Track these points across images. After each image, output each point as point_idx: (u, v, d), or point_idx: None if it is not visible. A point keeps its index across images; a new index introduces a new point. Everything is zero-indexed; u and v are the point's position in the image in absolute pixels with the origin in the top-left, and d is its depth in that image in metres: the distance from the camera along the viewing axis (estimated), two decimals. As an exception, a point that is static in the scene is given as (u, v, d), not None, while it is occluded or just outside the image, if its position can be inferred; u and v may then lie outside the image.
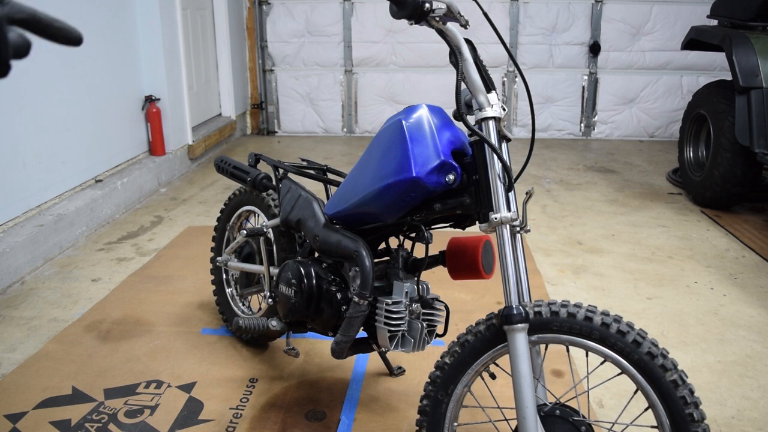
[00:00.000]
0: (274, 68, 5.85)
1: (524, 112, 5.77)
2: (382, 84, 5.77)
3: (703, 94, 3.99)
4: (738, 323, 2.48)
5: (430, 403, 1.44)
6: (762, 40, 3.53)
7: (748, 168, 3.58)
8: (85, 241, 3.28)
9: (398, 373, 2.08)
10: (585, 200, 4.04)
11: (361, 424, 1.83)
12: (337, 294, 1.65)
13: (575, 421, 1.33)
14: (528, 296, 1.38)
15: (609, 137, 5.80)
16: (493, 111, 1.36)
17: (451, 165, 1.40)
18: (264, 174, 2.09)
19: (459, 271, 1.57)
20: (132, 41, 4.02)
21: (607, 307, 2.59)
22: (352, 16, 5.63)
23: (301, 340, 2.28)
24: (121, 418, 1.85)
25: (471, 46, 1.40)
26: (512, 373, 1.29)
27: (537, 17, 5.54)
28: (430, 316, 1.63)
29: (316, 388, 2.01)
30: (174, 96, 4.35)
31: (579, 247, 3.27)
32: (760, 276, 2.93)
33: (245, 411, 1.89)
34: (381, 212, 1.52)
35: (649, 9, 5.47)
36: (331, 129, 5.94)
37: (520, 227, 1.38)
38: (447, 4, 1.34)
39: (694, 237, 3.42)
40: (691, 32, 4.12)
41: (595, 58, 5.61)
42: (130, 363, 2.14)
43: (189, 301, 2.59)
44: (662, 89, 5.64)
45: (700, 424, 1.23)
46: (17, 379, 2.04)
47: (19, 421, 1.82)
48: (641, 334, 1.28)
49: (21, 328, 2.39)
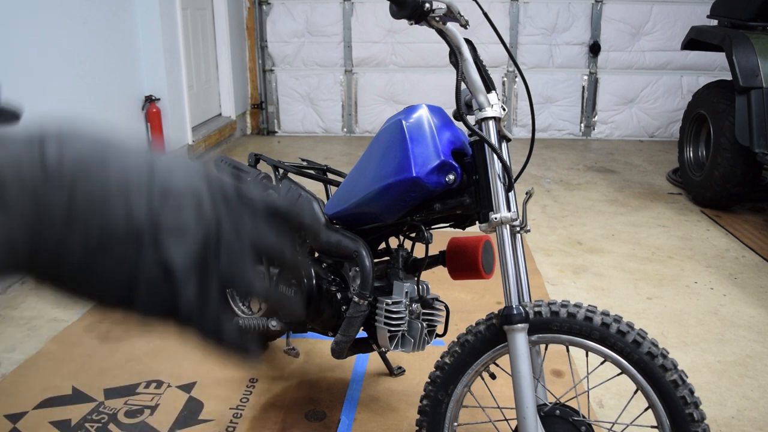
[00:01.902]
0: (274, 68, 5.85)
1: (524, 112, 5.77)
2: (382, 84, 5.77)
3: (703, 94, 3.99)
4: (738, 323, 2.48)
5: (430, 403, 1.44)
6: (762, 40, 3.53)
7: (748, 168, 3.58)
8: (85, 241, 3.28)
9: (398, 373, 2.08)
10: (585, 200, 4.04)
11: (361, 424, 1.83)
12: (337, 294, 1.65)
13: (575, 421, 1.33)
14: (528, 296, 1.38)
15: (609, 137, 5.79)
16: (493, 111, 1.36)
17: (451, 165, 1.40)
18: (264, 174, 2.08)
19: (459, 271, 1.57)
20: (132, 41, 4.02)
21: (607, 307, 2.59)
22: (352, 16, 5.63)
23: (301, 340, 2.28)
24: (121, 418, 1.85)
25: (471, 46, 1.40)
26: (512, 373, 1.29)
27: (537, 17, 5.54)
28: (430, 316, 1.63)
29: (316, 388, 2.01)
30: (174, 96, 4.35)
31: (579, 247, 3.27)
32: (760, 276, 2.93)
33: (245, 411, 1.89)
34: (381, 212, 1.52)
35: (649, 9, 5.47)
36: (331, 129, 5.94)
37: (520, 227, 1.38)
38: (447, 4, 1.34)
39: (694, 237, 3.42)
40: (691, 32, 4.12)
41: (595, 58, 5.60)
42: (130, 363, 2.14)
43: (189, 301, 2.58)
44: (662, 89, 5.64)
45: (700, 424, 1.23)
46: (17, 379, 2.04)
47: (19, 421, 1.82)
48: (641, 334, 1.28)
49: (21, 328, 2.39)
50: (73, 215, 0.36)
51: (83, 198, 0.36)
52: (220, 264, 0.40)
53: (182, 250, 0.38)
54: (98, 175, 0.37)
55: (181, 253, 0.38)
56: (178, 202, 0.38)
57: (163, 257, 0.38)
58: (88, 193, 0.36)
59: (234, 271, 0.41)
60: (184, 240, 0.38)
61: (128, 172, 0.38)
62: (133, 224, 0.37)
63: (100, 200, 0.36)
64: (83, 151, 0.37)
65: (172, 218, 0.38)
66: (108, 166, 0.37)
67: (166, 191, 0.38)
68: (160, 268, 0.38)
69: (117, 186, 0.37)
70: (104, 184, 0.37)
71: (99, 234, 0.36)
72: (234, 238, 0.40)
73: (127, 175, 0.37)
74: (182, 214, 0.38)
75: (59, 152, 0.36)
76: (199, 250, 0.39)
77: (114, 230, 0.37)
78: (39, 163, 0.36)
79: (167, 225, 0.38)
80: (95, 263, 0.37)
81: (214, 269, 0.40)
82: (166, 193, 0.38)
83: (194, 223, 0.39)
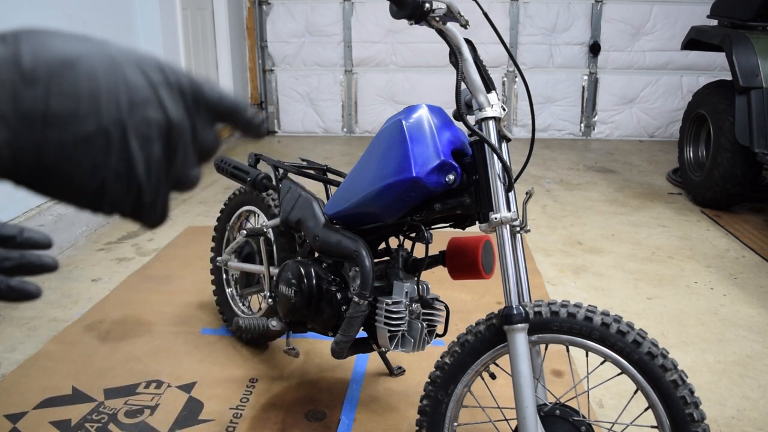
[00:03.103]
0: (274, 68, 5.85)
1: (524, 112, 5.77)
2: (382, 84, 5.77)
3: (703, 94, 3.99)
4: (738, 323, 2.48)
5: (430, 403, 1.44)
6: (762, 40, 3.53)
7: (748, 168, 3.58)
8: (85, 241, 3.28)
9: (398, 373, 2.08)
10: (585, 200, 4.04)
11: (361, 424, 1.83)
12: (337, 294, 1.65)
13: (575, 421, 1.33)
14: (528, 296, 1.38)
15: (609, 137, 5.79)
16: (493, 111, 1.36)
17: (451, 165, 1.40)
18: (264, 174, 2.08)
19: (459, 271, 1.57)
20: (132, 41, 4.01)
21: (607, 307, 2.59)
22: (352, 16, 5.63)
23: (301, 340, 2.28)
24: (121, 418, 1.85)
25: (471, 46, 1.40)
26: (512, 373, 1.29)
27: (537, 17, 5.54)
28: (430, 316, 1.63)
29: (316, 388, 2.01)
30: (174, 96, 4.35)
31: (579, 247, 3.27)
32: (760, 276, 2.93)
33: (245, 411, 1.89)
34: (381, 212, 1.52)
35: (649, 9, 5.47)
36: (331, 129, 5.94)
37: (520, 227, 1.38)
38: (447, 4, 1.34)
39: (694, 237, 3.42)
40: (691, 32, 4.12)
41: (595, 58, 5.61)
42: (130, 363, 2.14)
43: (189, 301, 2.59)
44: (662, 89, 5.64)
45: (700, 424, 1.23)
46: (17, 379, 2.04)
47: (19, 421, 1.82)
48: (641, 334, 1.28)
49: (21, 328, 2.39)
50: (49, 116, 0.36)
51: (58, 99, 0.37)
52: (175, 163, 0.42)
53: (146, 152, 0.40)
54: (70, 75, 0.37)
55: (144, 156, 0.40)
56: (143, 106, 0.39)
57: (129, 160, 0.39)
58: (62, 94, 0.37)
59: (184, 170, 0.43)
60: (148, 143, 0.40)
61: (97, 72, 0.38)
62: (103, 126, 0.38)
63: (73, 101, 0.37)
64: (56, 51, 0.37)
65: (137, 121, 0.39)
66: (79, 66, 0.37)
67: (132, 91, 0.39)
68: (126, 170, 0.39)
69: (88, 87, 0.37)
70: (76, 85, 0.37)
71: (72, 135, 0.37)
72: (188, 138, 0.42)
73: (96, 76, 0.38)
74: (147, 117, 0.39)
75: (34, 52, 0.37)
76: (160, 153, 0.40)
77: (86, 131, 0.37)
78: (14, 62, 0.36)
79: (133, 128, 0.39)
80: (70, 166, 0.38)
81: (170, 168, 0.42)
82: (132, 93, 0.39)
83: (156, 127, 0.40)
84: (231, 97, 0.44)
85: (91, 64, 0.38)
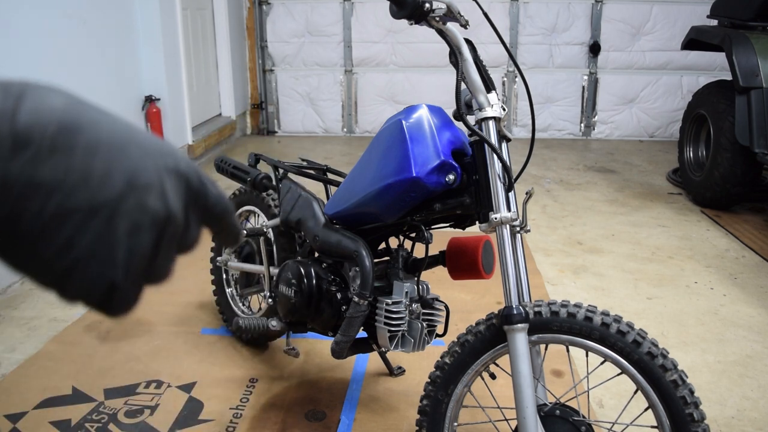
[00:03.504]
0: (274, 68, 5.85)
1: (524, 112, 5.77)
2: (382, 84, 5.77)
3: (703, 94, 3.99)
4: (738, 323, 2.48)
5: (430, 403, 1.44)
6: (762, 40, 3.53)
7: (748, 168, 3.58)
8: (85, 241, 3.27)
9: (398, 373, 2.08)
10: (585, 200, 4.04)
11: (361, 424, 1.83)
12: (337, 294, 1.65)
13: (575, 421, 1.33)
14: (528, 296, 1.38)
15: (609, 137, 5.79)
16: (493, 111, 1.36)
17: (451, 165, 1.40)
18: (264, 174, 2.08)
19: (459, 271, 1.57)
20: (132, 41, 4.02)
21: (607, 307, 2.59)
22: (352, 16, 5.63)
23: (301, 340, 2.28)
24: (121, 418, 1.85)
25: (471, 46, 1.40)
26: (512, 373, 1.29)
27: (537, 17, 5.54)
28: (430, 316, 1.63)
29: (316, 388, 2.01)
30: (174, 96, 4.35)
31: (579, 247, 3.27)
32: (760, 276, 2.93)
33: (245, 411, 1.89)
34: (381, 212, 1.52)
35: (649, 9, 5.47)
36: (331, 129, 5.94)
37: (520, 227, 1.38)
38: (447, 4, 1.34)
39: (694, 237, 3.42)
40: (691, 32, 4.12)
41: (595, 58, 5.60)
42: (130, 363, 2.14)
43: (189, 301, 2.59)
44: (662, 89, 5.64)
45: (700, 424, 1.23)
46: (17, 379, 2.04)
47: (19, 421, 1.82)
48: (641, 334, 1.28)
49: (21, 328, 2.39)
50: (33, 183, 0.33)
51: (47, 167, 0.33)
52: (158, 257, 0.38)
53: (133, 240, 0.36)
54: (67, 143, 0.34)
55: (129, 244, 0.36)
56: (144, 191, 0.36)
57: (111, 245, 0.35)
58: (53, 162, 0.33)
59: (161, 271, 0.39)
60: (138, 231, 0.36)
61: (100, 144, 0.35)
62: (92, 204, 0.34)
63: (62, 172, 0.34)
64: (58, 114, 0.34)
65: (132, 206, 0.36)
66: (79, 135, 0.34)
67: (135, 173, 0.36)
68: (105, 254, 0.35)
69: (83, 159, 0.34)
70: (69, 155, 0.34)
71: (55, 206, 0.34)
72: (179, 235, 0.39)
73: (97, 148, 0.35)
74: (144, 203, 0.36)
75: (34, 110, 0.34)
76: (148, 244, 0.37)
77: (70, 206, 0.34)
78: (10, 119, 0.33)
79: (126, 212, 0.35)
80: (42, 235, 0.34)
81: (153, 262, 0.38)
82: (135, 174, 0.36)
83: (151, 216, 0.36)
84: (228, 201, 0.42)
85: (95, 135, 0.35)
